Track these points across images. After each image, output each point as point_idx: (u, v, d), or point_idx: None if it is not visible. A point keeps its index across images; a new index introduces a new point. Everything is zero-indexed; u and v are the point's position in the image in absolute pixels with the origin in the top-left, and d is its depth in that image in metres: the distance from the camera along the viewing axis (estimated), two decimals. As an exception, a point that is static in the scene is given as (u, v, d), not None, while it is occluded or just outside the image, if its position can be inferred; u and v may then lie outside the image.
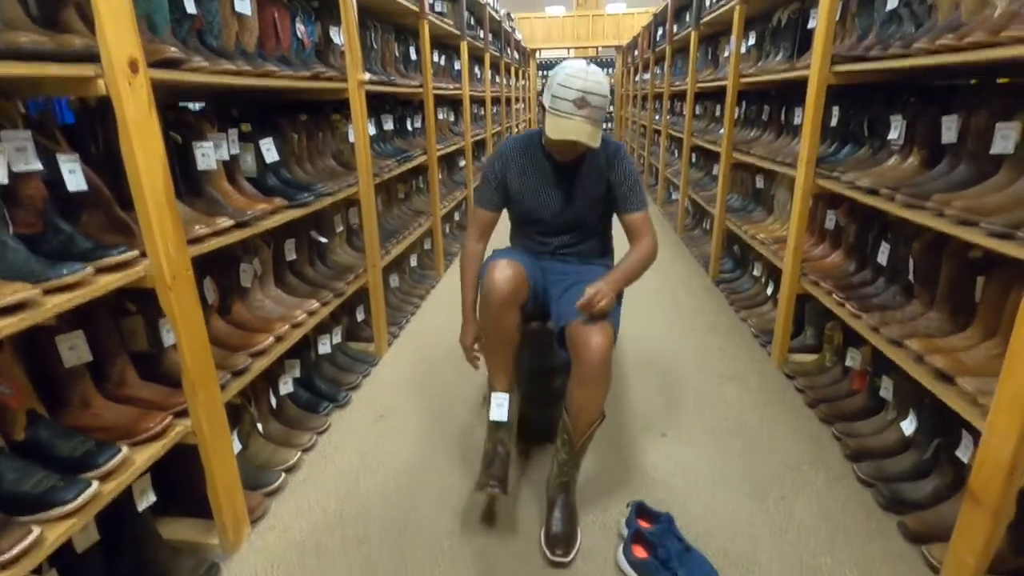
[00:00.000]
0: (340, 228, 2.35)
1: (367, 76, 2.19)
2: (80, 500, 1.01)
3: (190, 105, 2.00)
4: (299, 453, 1.75)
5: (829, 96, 2.02)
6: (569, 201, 1.61)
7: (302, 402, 1.98)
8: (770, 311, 2.69)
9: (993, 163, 1.38)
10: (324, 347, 2.16)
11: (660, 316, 2.87)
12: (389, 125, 2.99)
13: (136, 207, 1.13)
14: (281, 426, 1.84)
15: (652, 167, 6.86)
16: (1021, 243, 1.14)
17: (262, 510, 1.54)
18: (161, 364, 1.39)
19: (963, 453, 1.36)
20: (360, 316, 2.54)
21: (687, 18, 4.72)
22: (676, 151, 5.24)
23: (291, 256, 2.00)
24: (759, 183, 3.02)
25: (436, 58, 3.82)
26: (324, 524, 1.50)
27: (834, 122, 2.14)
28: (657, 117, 6.33)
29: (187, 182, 1.49)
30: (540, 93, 1.50)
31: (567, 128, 1.39)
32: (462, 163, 4.67)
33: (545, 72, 11.57)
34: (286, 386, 1.89)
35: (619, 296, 1.53)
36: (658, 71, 6.70)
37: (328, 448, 1.84)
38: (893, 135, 1.76)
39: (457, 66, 4.44)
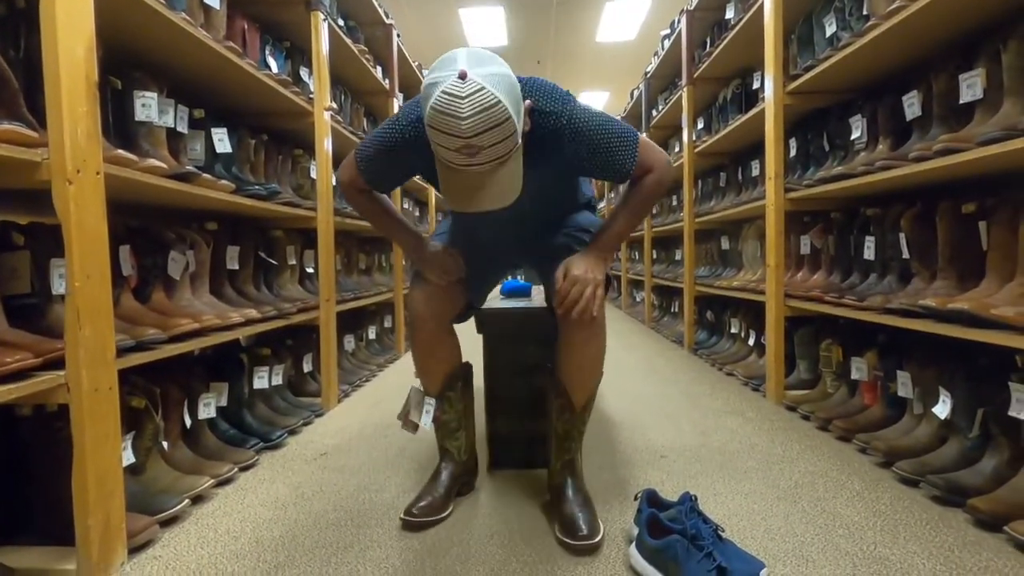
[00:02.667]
0: (292, 261, 2.16)
1: (333, 104, 2.18)
2: None
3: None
4: (210, 482, 1.37)
5: (787, 127, 2.11)
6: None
7: (225, 436, 1.62)
8: (756, 360, 2.53)
9: (966, 112, 1.38)
10: (261, 381, 1.84)
11: (639, 379, 2.65)
12: (354, 188, 2.95)
13: (48, 92, 0.96)
14: (193, 455, 1.46)
15: (614, 279, 7.02)
16: (1019, 137, 1.08)
17: (148, 536, 1.14)
18: (43, 317, 1.10)
19: (1018, 409, 1.16)
20: (307, 367, 2.24)
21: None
22: (637, 254, 5.39)
23: (232, 265, 1.77)
24: (725, 244, 3.04)
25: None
26: (232, 552, 1.11)
27: (793, 152, 2.21)
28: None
29: (120, 130, 1.33)
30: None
31: (469, 196, 0.93)
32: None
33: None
34: (207, 409, 1.55)
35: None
36: (612, 195, 7.19)
37: (251, 482, 1.46)
38: (856, 134, 1.79)
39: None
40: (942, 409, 1.37)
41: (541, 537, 1.13)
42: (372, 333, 3.12)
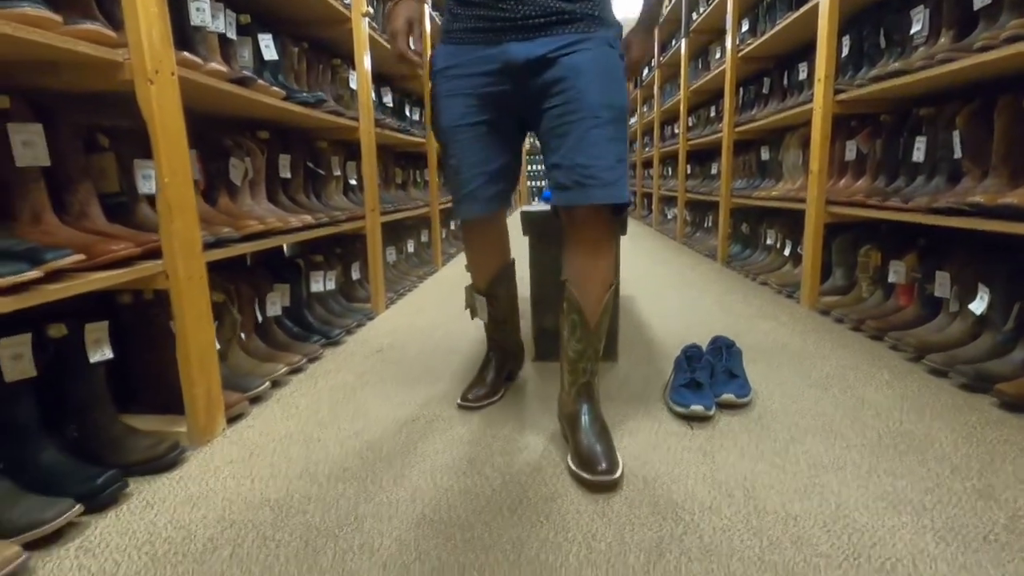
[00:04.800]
0: (337, 172, 2.22)
1: (370, 8, 2.15)
2: (9, 279, 0.80)
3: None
4: (285, 368, 1.51)
5: (841, 23, 2.00)
6: None
7: (291, 333, 1.77)
8: (791, 270, 2.56)
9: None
10: (317, 284, 1.97)
11: (670, 289, 2.71)
12: (389, 100, 2.95)
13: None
14: (266, 347, 1.61)
15: (645, 197, 6.93)
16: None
17: (240, 410, 1.29)
18: (133, 216, 1.20)
19: (1056, 301, 1.19)
20: (355, 275, 2.36)
21: (672, 43, 4.93)
22: (670, 169, 5.29)
23: (285, 174, 1.85)
24: (764, 155, 2.97)
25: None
26: (315, 422, 1.26)
27: (846, 51, 2.12)
28: (649, 149, 6.47)
29: (177, 36, 1.36)
30: None
31: None
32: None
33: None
34: (274, 307, 1.68)
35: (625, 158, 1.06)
36: (645, 109, 6.94)
37: (319, 371, 1.61)
38: (916, 27, 1.71)
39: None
40: (978, 305, 1.41)
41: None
42: (411, 247, 3.22)
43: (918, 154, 1.69)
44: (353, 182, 2.39)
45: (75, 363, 1.02)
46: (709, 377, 1.28)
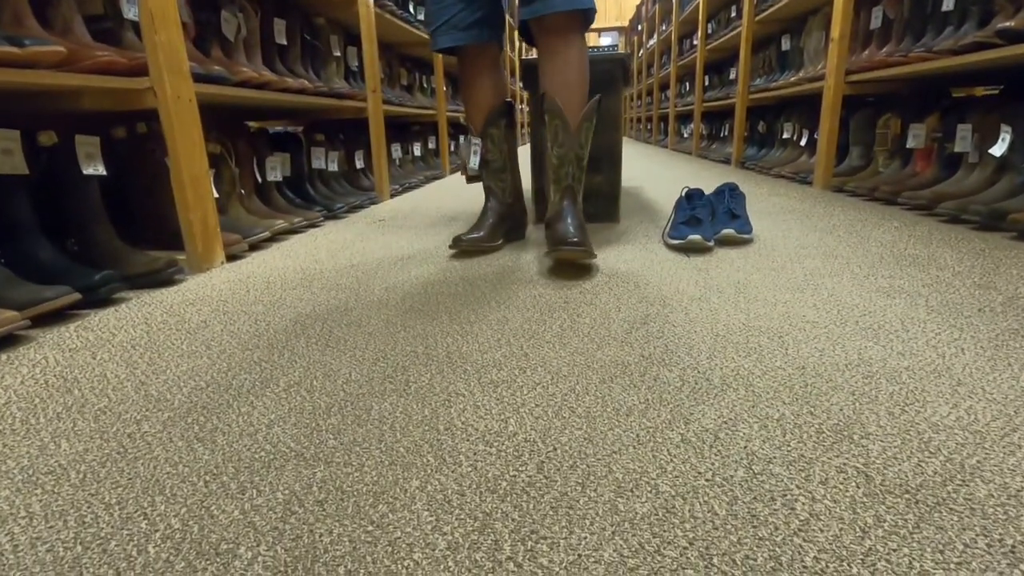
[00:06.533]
0: (337, 53, 2.16)
1: None
2: (-9, 49, 0.79)
3: None
4: (284, 224, 1.52)
5: None
6: None
7: (293, 203, 1.76)
8: (806, 160, 2.47)
9: None
10: (318, 161, 1.95)
11: (678, 182, 2.64)
12: (391, -9, 2.83)
13: None
14: (266, 208, 1.61)
15: (662, 120, 6.72)
16: None
17: (238, 250, 1.31)
18: (120, 41, 1.18)
19: (1082, 123, 1.12)
20: (359, 164, 2.33)
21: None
22: (688, 84, 5.08)
23: (281, 40, 1.80)
24: (785, 44, 2.82)
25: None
26: (313, 260, 1.27)
27: (877, -94, 1.96)
28: (667, 67, 6.21)
29: None
30: None
31: None
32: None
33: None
34: (274, 172, 1.67)
35: None
36: (664, 27, 6.62)
37: (319, 233, 1.61)
38: None
39: None
40: (999, 147, 1.34)
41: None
42: (417, 151, 3.17)
43: (948, 2, 1.58)
44: (355, 68, 2.33)
45: (69, 173, 1.02)
46: (710, 216, 1.25)
